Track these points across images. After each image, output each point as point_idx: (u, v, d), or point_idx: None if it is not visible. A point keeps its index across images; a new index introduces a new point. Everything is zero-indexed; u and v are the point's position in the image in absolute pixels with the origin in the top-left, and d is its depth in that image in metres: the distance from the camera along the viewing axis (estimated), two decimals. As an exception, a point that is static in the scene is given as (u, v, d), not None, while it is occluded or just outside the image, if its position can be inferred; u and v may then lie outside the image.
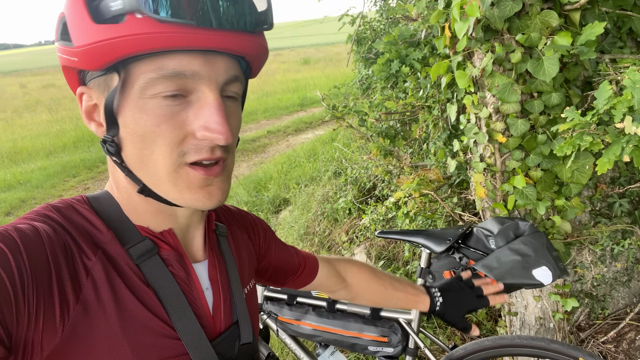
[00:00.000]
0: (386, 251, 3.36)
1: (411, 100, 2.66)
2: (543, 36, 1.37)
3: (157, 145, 0.59)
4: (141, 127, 0.59)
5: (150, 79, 0.57)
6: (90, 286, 0.57)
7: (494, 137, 1.60)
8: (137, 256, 0.63)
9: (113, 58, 0.55)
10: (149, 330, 0.61)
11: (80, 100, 0.65)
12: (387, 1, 4.53)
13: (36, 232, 0.55)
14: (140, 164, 0.61)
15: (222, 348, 0.70)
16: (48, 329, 0.52)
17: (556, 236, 1.71)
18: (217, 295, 0.73)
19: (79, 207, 0.64)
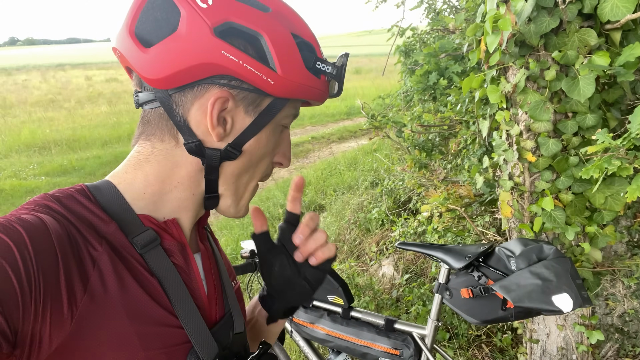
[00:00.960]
0: (414, 265, 3.31)
1: (450, 114, 2.61)
2: (580, 55, 1.33)
3: (263, 163, 0.72)
4: (265, 147, 0.71)
5: (290, 114, 0.72)
6: (97, 277, 0.57)
7: (524, 156, 1.56)
8: (141, 246, 0.64)
9: (299, 97, 0.69)
10: (154, 320, 0.62)
11: (214, 102, 0.64)
12: (439, 13, 4.48)
13: (41, 223, 0.54)
14: (235, 178, 0.71)
15: (219, 336, 0.72)
16: (56, 322, 0.52)
17: (585, 264, 1.63)
18: (211, 286, 0.75)
19: (79, 196, 0.64)
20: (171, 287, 0.65)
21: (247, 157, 0.70)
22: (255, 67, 0.63)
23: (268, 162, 0.73)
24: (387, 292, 3.11)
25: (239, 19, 0.62)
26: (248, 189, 0.74)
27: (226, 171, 0.70)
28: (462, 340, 2.59)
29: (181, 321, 0.65)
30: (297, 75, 0.66)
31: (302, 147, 8.80)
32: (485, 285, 1.54)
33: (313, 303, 1.90)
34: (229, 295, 0.79)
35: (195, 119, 0.65)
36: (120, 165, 0.70)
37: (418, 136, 3.03)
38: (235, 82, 0.65)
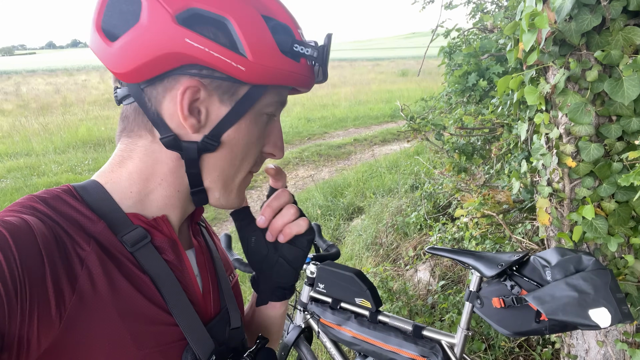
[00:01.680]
0: (451, 272, 3.22)
1: (491, 116, 2.53)
2: (625, 54, 1.24)
3: (249, 154, 0.69)
4: (248, 137, 0.68)
5: (273, 101, 0.69)
6: (86, 276, 0.57)
7: (563, 161, 1.48)
8: (131, 244, 0.63)
9: (275, 83, 0.65)
10: (148, 318, 0.61)
11: (194, 92, 0.63)
12: (487, 14, 4.35)
13: (26, 224, 0.54)
14: (220, 170, 0.68)
15: (214, 332, 0.71)
16: (44, 323, 0.52)
17: (628, 277, 1.53)
18: (205, 281, 0.75)
19: (65, 197, 0.63)
20: (164, 284, 0.64)
21: (228, 148, 0.67)
22: (224, 54, 0.60)
23: (255, 153, 0.70)
24: (422, 298, 3.04)
25: (202, 4, 0.59)
26: (236, 180, 0.71)
27: (208, 164, 0.67)
28: (499, 352, 2.50)
29: (175, 318, 0.64)
30: (270, 60, 0.63)
31: (344, 149, 8.78)
32: (518, 295, 1.47)
33: (341, 305, 1.89)
34: (225, 290, 0.78)
35: (169, 112, 0.63)
36: (106, 163, 0.69)
37: (459, 139, 2.95)
38: (207, 71, 0.62)
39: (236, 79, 0.63)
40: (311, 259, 2.00)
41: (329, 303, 1.92)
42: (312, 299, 1.99)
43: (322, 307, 1.94)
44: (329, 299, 1.92)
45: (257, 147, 0.70)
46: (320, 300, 1.96)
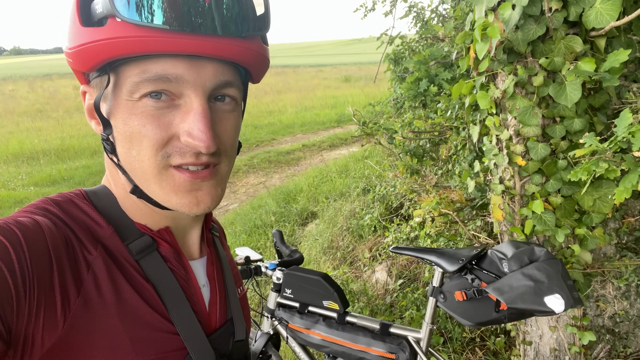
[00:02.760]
0: (407, 271, 3.33)
1: (440, 120, 2.65)
2: (567, 61, 1.37)
3: (142, 146, 0.59)
4: (129, 128, 0.59)
5: (135, 82, 0.57)
6: (91, 280, 0.57)
7: (514, 160, 1.59)
8: (136, 252, 0.64)
9: (99, 60, 0.56)
10: (149, 325, 0.61)
11: (84, 98, 0.65)
12: (427, 22, 4.55)
13: (37, 225, 0.55)
14: (129, 164, 0.62)
15: (217, 343, 0.71)
16: (49, 323, 0.52)
17: (575, 266, 1.66)
18: (213, 292, 0.74)
19: (77, 201, 0.64)
20: (167, 292, 0.65)
21: (119, 142, 0.61)
22: (65, 54, 0.60)
23: (151, 144, 0.59)
24: (381, 298, 3.12)
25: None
26: (147, 176, 0.61)
27: (124, 162, 0.63)
28: (456, 344, 2.61)
29: (177, 327, 0.64)
30: (78, 39, 0.56)
31: (293, 154, 8.82)
32: (479, 287, 1.56)
33: (308, 309, 1.91)
34: (233, 301, 0.78)
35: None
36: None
37: (409, 142, 3.07)
38: (84, 74, 0.63)
39: (84, 73, 0.62)
40: (276, 265, 2.01)
41: (296, 308, 1.94)
42: (280, 304, 2.00)
43: (290, 312, 1.95)
44: (296, 303, 1.94)
45: (153, 135, 0.59)
46: (287, 306, 1.97)
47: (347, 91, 17.89)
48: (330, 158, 8.33)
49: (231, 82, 0.62)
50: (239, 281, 0.87)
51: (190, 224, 0.73)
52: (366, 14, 5.20)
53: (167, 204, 0.63)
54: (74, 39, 0.57)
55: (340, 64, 39.53)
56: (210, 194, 0.63)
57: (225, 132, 0.64)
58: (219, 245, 0.84)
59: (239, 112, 0.67)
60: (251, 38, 0.60)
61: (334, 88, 19.73)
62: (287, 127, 11.69)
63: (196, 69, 0.58)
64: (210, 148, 0.58)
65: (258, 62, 0.64)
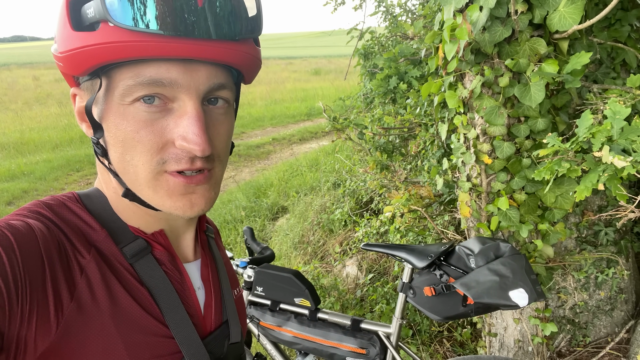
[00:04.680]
0: (377, 265, 3.37)
1: (409, 117, 2.69)
2: (531, 62, 1.40)
3: (136, 151, 0.58)
4: (121, 133, 0.58)
5: (128, 86, 0.56)
6: (85, 284, 0.57)
7: (481, 158, 1.63)
8: (130, 255, 0.63)
9: (91, 65, 0.55)
10: (143, 329, 0.61)
11: (74, 101, 0.65)
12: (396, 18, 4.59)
13: (30, 229, 0.54)
14: (122, 168, 0.61)
15: (212, 346, 0.71)
16: (42, 327, 0.52)
17: (538, 260, 1.72)
18: (208, 295, 0.74)
19: (70, 204, 0.63)
20: (161, 296, 0.65)
21: (111, 146, 0.61)
22: (55, 57, 0.59)
23: (146, 149, 0.58)
24: (352, 292, 3.15)
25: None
26: (140, 180, 0.61)
27: (116, 166, 0.62)
28: (425, 336, 2.67)
29: (172, 331, 0.64)
30: (69, 43, 0.55)
31: (263, 148, 8.76)
32: (447, 283, 1.60)
33: (280, 306, 1.91)
34: (228, 304, 0.78)
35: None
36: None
37: (379, 138, 3.10)
38: (73, 77, 0.63)
39: (75, 77, 0.61)
40: (247, 262, 2.00)
41: (268, 305, 1.94)
42: (251, 302, 1.99)
43: (261, 310, 1.95)
44: (267, 301, 1.94)
45: (148, 141, 0.58)
46: (259, 304, 1.97)
47: (317, 84, 17.86)
48: (300, 152, 8.32)
49: (224, 85, 0.62)
50: (235, 282, 0.86)
51: (184, 227, 0.73)
52: (336, 8, 5.20)
53: (160, 207, 0.62)
54: (64, 43, 0.56)
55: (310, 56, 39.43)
56: (204, 196, 0.63)
57: (219, 136, 0.63)
58: (214, 246, 0.83)
59: (231, 114, 0.67)
60: (244, 41, 0.60)
61: (303, 81, 19.67)
62: (256, 121, 11.59)
63: (190, 73, 0.57)
64: (206, 151, 0.58)
65: (251, 64, 0.64)
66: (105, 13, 0.52)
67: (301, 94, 15.53)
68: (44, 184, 6.72)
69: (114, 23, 0.52)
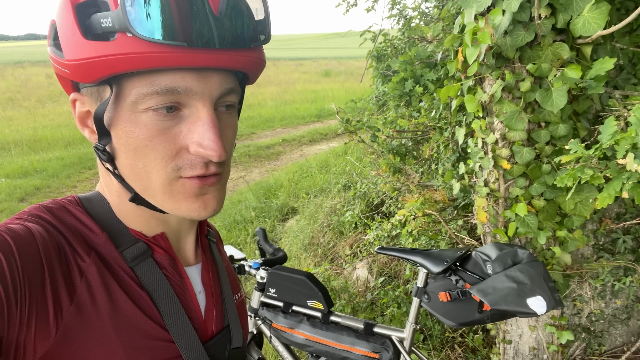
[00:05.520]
0: (388, 268, 3.36)
1: (424, 120, 2.67)
2: (553, 67, 1.39)
3: (150, 159, 0.59)
4: (134, 140, 0.58)
5: (142, 94, 0.56)
6: (85, 288, 0.57)
7: (499, 163, 1.61)
8: (131, 259, 0.63)
9: (105, 75, 0.55)
10: (143, 333, 0.61)
11: (74, 106, 0.64)
12: (409, 20, 4.57)
13: (29, 233, 0.54)
14: (134, 175, 0.61)
15: (213, 351, 0.71)
16: (41, 331, 0.52)
17: (555, 267, 1.70)
18: (209, 299, 0.74)
19: (71, 208, 0.64)
20: (162, 300, 0.64)
21: (121, 153, 0.61)
22: (57, 62, 0.59)
23: (160, 156, 0.59)
24: (362, 295, 3.14)
25: (56, 17, 0.58)
26: (154, 186, 0.61)
27: (124, 171, 0.62)
28: (436, 342, 2.65)
29: (172, 335, 0.64)
30: (79, 52, 0.55)
31: (273, 149, 8.77)
32: (463, 288, 1.58)
33: (292, 308, 1.91)
34: (229, 308, 0.77)
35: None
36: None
37: (391, 140, 3.08)
38: (72, 82, 0.62)
39: (76, 82, 0.61)
40: (260, 264, 2.00)
41: (280, 307, 1.93)
42: (263, 304, 1.99)
43: (273, 311, 1.95)
44: (280, 303, 1.93)
45: (162, 148, 0.59)
46: (271, 305, 1.96)
47: (327, 85, 17.86)
48: (310, 153, 8.32)
49: (233, 89, 0.63)
50: (236, 287, 0.86)
51: (185, 230, 0.73)
52: (348, 9, 5.19)
53: (175, 211, 0.62)
54: (75, 51, 0.55)
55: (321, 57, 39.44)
56: (215, 197, 0.64)
57: (227, 140, 0.64)
58: (216, 251, 0.83)
59: (236, 116, 0.68)
60: (255, 47, 0.61)
61: (314, 82, 19.68)
62: (266, 121, 11.62)
63: (204, 80, 0.58)
64: (222, 156, 0.58)
65: (259, 67, 0.65)
66: (126, 24, 0.51)
67: (311, 95, 15.54)
68: (56, 181, 6.78)
69: (134, 34, 0.52)
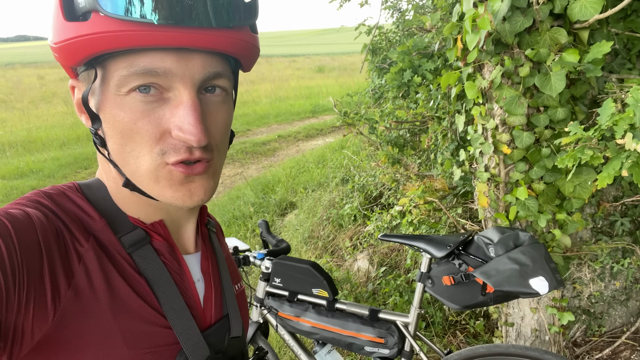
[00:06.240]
0: (389, 258, 3.39)
1: (422, 110, 2.70)
2: (552, 52, 1.42)
3: (135, 142, 0.58)
4: (119, 123, 0.58)
5: (123, 76, 0.56)
6: (83, 272, 0.57)
7: (499, 148, 1.64)
8: (129, 245, 0.63)
9: (85, 56, 0.55)
10: (141, 318, 0.61)
11: (73, 93, 0.65)
12: (403, 13, 4.60)
13: (28, 217, 0.54)
14: (122, 159, 0.61)
15: (212, 339, 0.70)
16: (38, 315, 0.52)
17: (556, 249, 1.74)
18: (208, 288, 0.74)
19: (70, 193, 0.64)
20: (160, 286, 0.64)
21: (109, 137, 0.61)
22: (51, 47, 0.59)
23: (144, 140, 0.58)
24: (363, 285, 3.17)
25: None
26: (140, 171, 0.60)
27: (114, 156, 0.62)
28: (438, 328, 2.69)
29: (169, 321, 0.64)
30: (62, 34, 0.55)
31: (269, 145, 8.78)
32: (466, 272, 1.61)
33: (298, 297, 1.93)
34: (229, 298, 0.77)
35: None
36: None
37: (388, 132, 3.11)
38: (72, 69, 0.62)
39: (74, 68, 0.61)
40: (265, 254, 2.02)
41: (286, 296, 1.96)
42: (269, 293, 2.01)
43: (279, 300, 1.97)
44: (285, 292, 1.96)
45: (146, 131, 0.58)
46: (277, 295, 1.99)
47: (321, 81, 17.85)
48: (306, 148, 8.34)
49: (220, 73, 0.61)
50: (236, 278, 0.86)
51: (184, 218, 0.73)
52: (342, 5, 5.21)
53: (161, 198, 0.62)
54: (58, 33, 0.56)
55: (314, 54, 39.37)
56: (203, 186, 0.63)
57: (216, 125, 0.63)
58: (215, 240, 0.83)
59: (229, 103, 0.66)
60: (239, 28, 0.59)
61: (307, 78, 19.67)
62: (261, 118, 11.62)
63: (184, 62, 0.57)
64: (202, 141, 0.57)
65: (247, 51, 0.63)
66: (94, 3, 0.52)
67: (305, 92, 15.54)
68: (52, 182, 6.76)
69: (104, 13, 0.52)
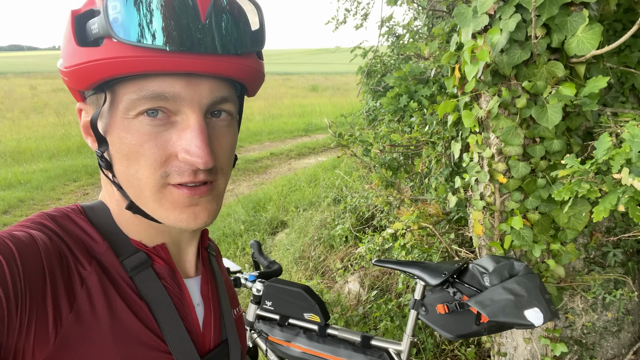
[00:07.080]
0: (380, 282, 3.37)
1: (416, 135, 2.72)
2: (548, 85, 1.44)
3: (140, 164, 0.59)
4: (126, 146, 0.59)
5: (132, 100, 0.57)
6: (85, 296, 0.57)
7: (495, 177, 1.65)
8: (131, 268, 0.64)
9: (95, 80, 0.56)
10: (141, 343, 0.61)
11: (80, 115, 0.66)
12: (399, 38, 4.67)
13: (32, 240, 0.55)
14: (127, 181, 0.62)
15: None
16: (40, 338, 0.52)
17: (550, 280, 1.73)
18: (207, 312, 0.74)
19: (74, 216, 0.64)
20: (160, 310, 0.64)
21: (116, 160, 0.62)
22: (60, 72, 0.61)
23: (150, 163, 0.59)
24: (354, 309, 3.14)
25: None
26: (145, 194, 0.61)
27: (120, 179, 0.63)
28: (429, 355, 2.66)
29: (170, 346, 0.64)
30: (74, 58, 0.57)
31: (261, 162, 8.77)
32: (461, 301, 1.60)
33: (289, 321, 1.90)
34: (228, 323, 0.77)
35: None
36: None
37: (380, 154, 3.13)
38: (80, 92, 0.63)
39: (79, 91, 0.63)
40: (256, 276, 2.00)
41: (276, 320, 1.93)
42: (259, 317, 1.98)
43: (269, 324, 1.94)
44: (276, 316, 1.93)
45: (151, 154, 0.59)
46: (267, 318, 1.96)
47: (315, 100, 17.98)
48: (298, 167, 8.34)
49: (227, 98, 0.63)
50: (235, 302, 0.86)
51: (186, 241, 0.73)
52: (337, 27, 5.28)
53: (164, 220, 0.62)
54: (70, 58, 0.57)
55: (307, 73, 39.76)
56: (207, 209, 0.63)
57: (222, 149, 0.64)
58: (215, 264, 0.83)
59: (235, 127, 0.68)
60: (247, 55, 0.61)
61: (301, 97, 19.80)
62: (254, 135, 11.63)
63: (193, 87, 0.58)
64: (208, 164, 0.58)
65: (254, 77, 0.65)
66: (108, 29, 0.53)
67: (299, 110, 15.62)
68: (40, 194, 6.67)
69: (117, 39, 0.53)
